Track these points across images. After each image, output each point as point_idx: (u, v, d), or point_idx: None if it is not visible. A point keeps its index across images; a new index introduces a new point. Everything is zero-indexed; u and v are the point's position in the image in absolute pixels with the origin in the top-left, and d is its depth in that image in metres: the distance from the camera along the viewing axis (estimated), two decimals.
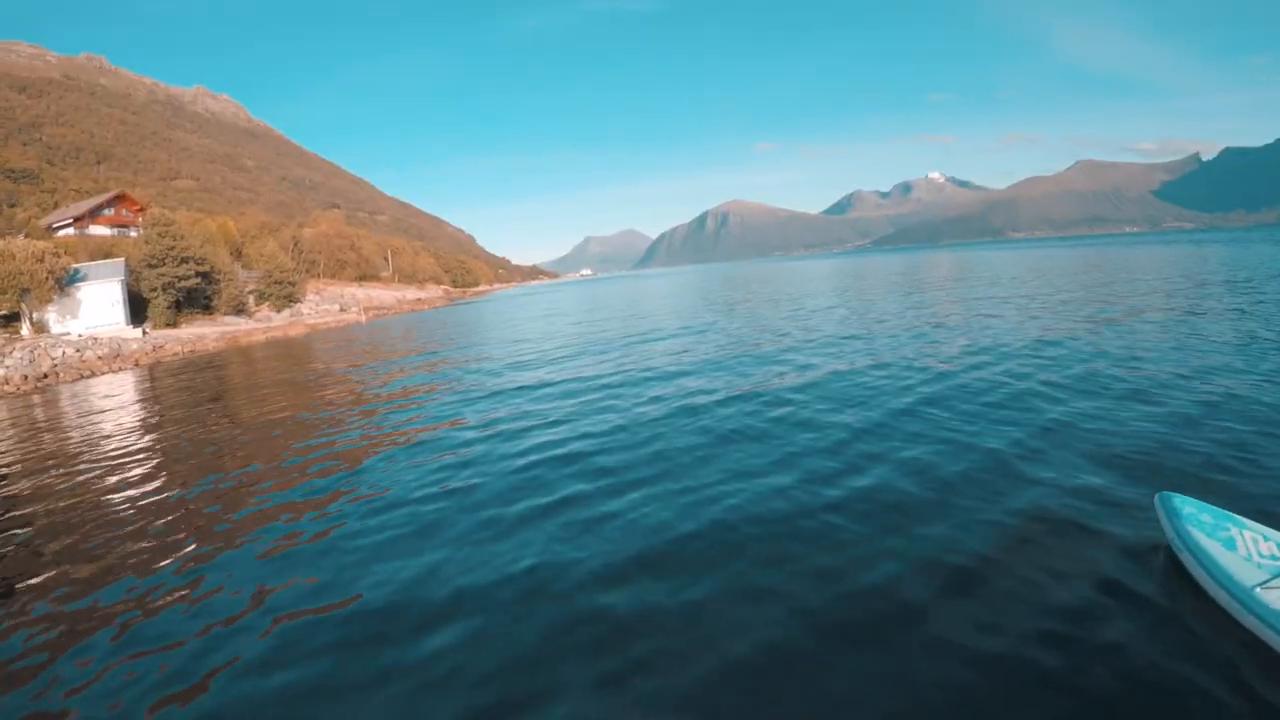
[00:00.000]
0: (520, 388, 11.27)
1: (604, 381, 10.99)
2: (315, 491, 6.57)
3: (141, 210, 51.61)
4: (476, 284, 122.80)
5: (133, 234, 47.90)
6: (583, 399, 9.74)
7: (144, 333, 34.02)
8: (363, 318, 47.43)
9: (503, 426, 8.42)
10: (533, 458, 6.93)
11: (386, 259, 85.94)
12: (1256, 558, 3.16)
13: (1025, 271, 32.79)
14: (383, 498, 6.14)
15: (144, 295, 38.11)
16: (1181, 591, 3.35)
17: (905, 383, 8.89)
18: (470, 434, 8.22)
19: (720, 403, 8.55)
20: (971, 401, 7.62)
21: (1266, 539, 3.28)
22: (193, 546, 5.44)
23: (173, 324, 38.25)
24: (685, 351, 13.79)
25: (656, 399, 9.24)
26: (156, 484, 7.45)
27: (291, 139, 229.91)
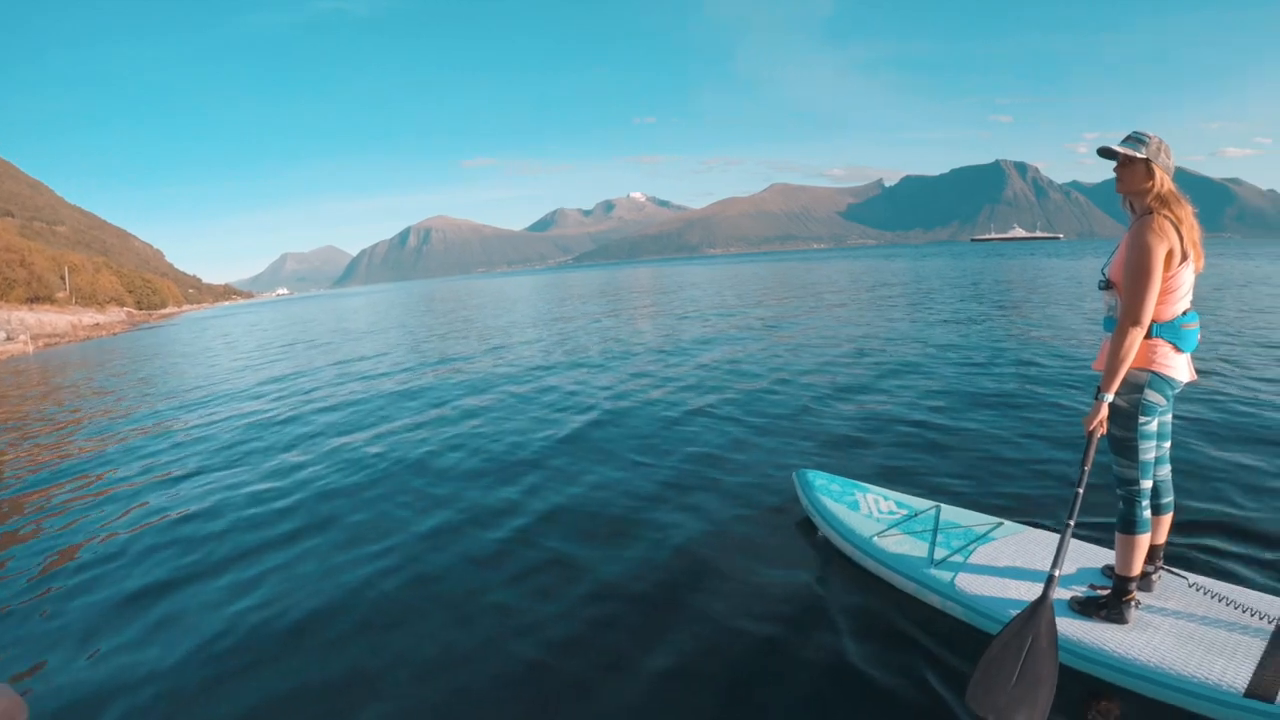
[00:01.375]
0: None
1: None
2: None
3: None
4: (164, 305, 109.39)
5: None
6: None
7: None
8: (30, 348, 38.42)
9: None
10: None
11: (64, 277, 72.82)
12: (876, 514, 3.74)
13: (706, 281, 36.42)
14: None
15: None
16: (817, 548, 3.84)
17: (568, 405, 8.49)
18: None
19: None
20: (621, 424, 7.27)
21: (886, 499, 3.90)
22: None
23: None
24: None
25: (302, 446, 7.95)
26: None
27: None
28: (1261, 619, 2.59)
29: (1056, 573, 2.55)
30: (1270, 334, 9.67)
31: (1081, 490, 2.59)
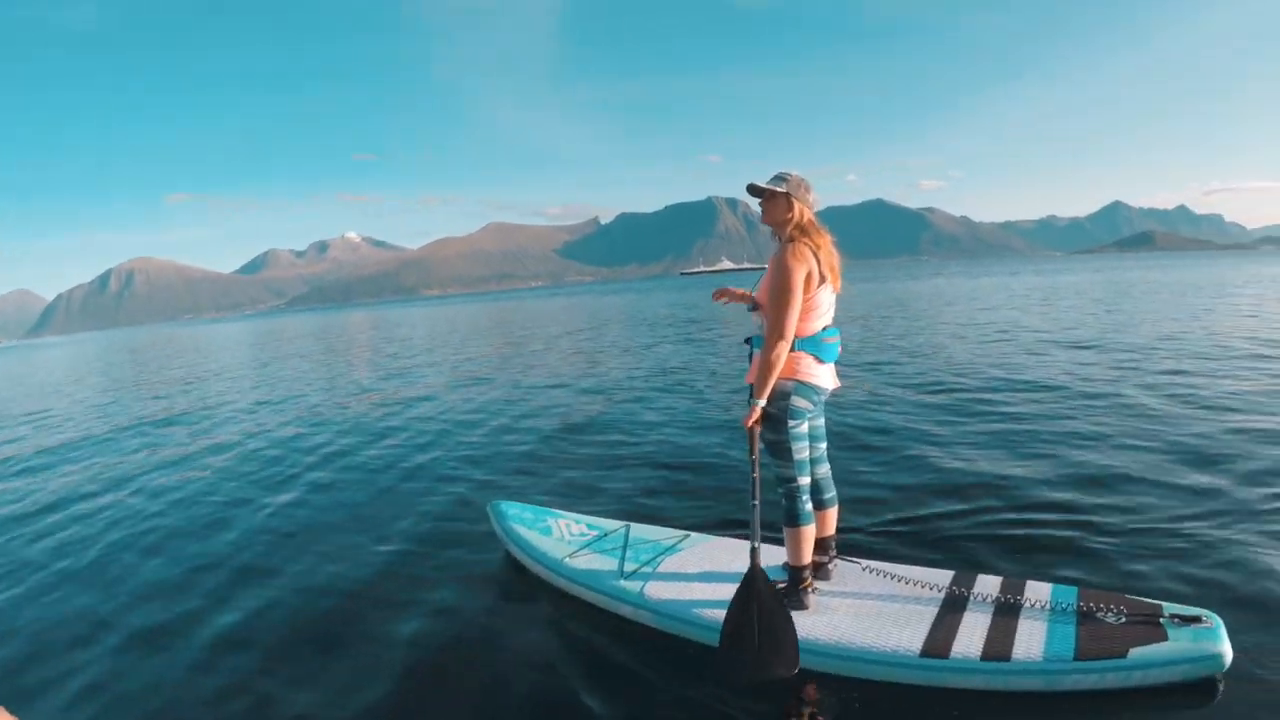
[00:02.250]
0: None
1: None
2: None
3: None
4: None
5: None
6: None
7: None
8: None
9: None
10: None
11: None
12: (568, 537, 3.85)
13: (422, 324, 35.33)
14: None
15: None
16: (515, 576, 3.84)
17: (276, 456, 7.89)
18: None
19: None
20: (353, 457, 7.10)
21: (578, 523, 4.05)
22: None
23: None
24: None
25: None
26: None
27: None
28: (931, 589, 2.89)
29: (758, 545, 2.70)
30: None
31: (756, 475, 2.73)
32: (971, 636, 2.57)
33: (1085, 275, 42.05)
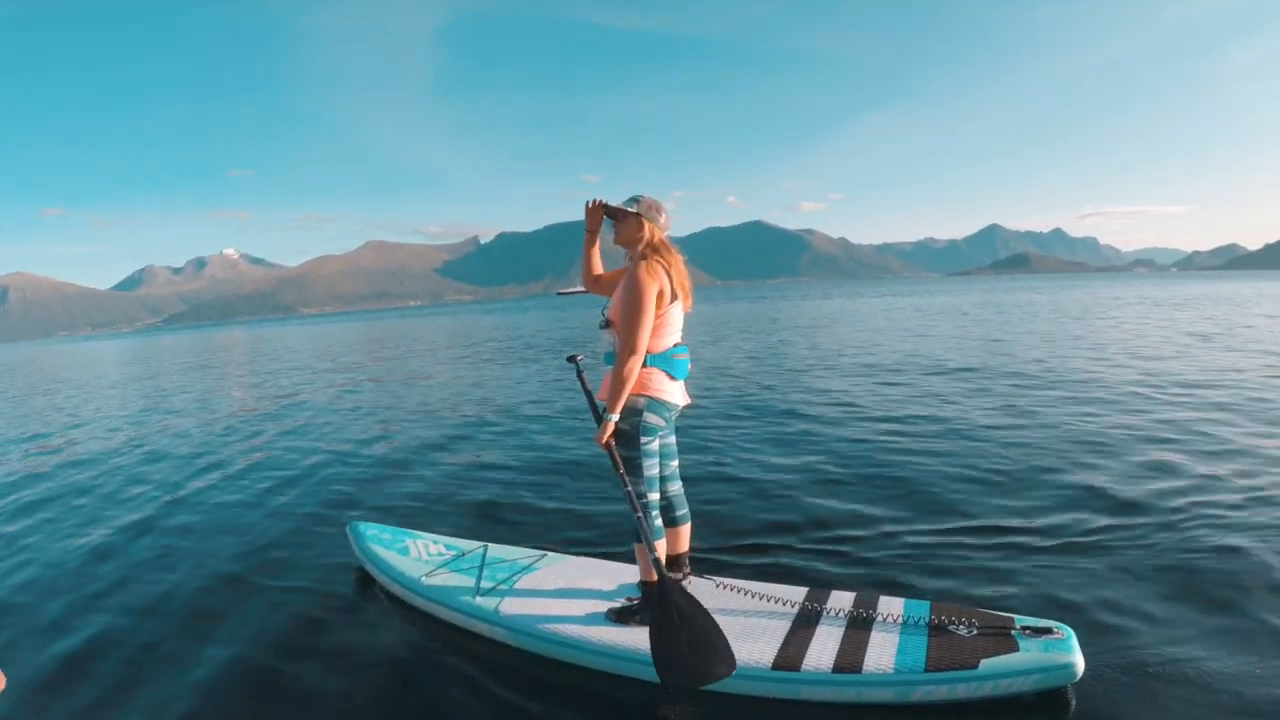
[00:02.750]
0: None
1: None
2: None
3: None
4: None
5: None
6: None
7: None
8: None
9: None
10: None
11: None
12: (425, 557, 3.77)
13: (299, 345, 33.80)
14: None
15: None
16: (372, 596, 3.72)
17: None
18: None
19: None
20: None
21: (436, 543, 3.97)
22: None
23: None
24: None
25: None
26: None
27: None
28: (784, 604, 2.90)
29: (660, 555, 2.75)
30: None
31: (629, 488, 2.72)
32: (824, 649, 2.57)
33: (955, 297, 44.43)
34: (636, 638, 2.74)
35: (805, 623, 2.77)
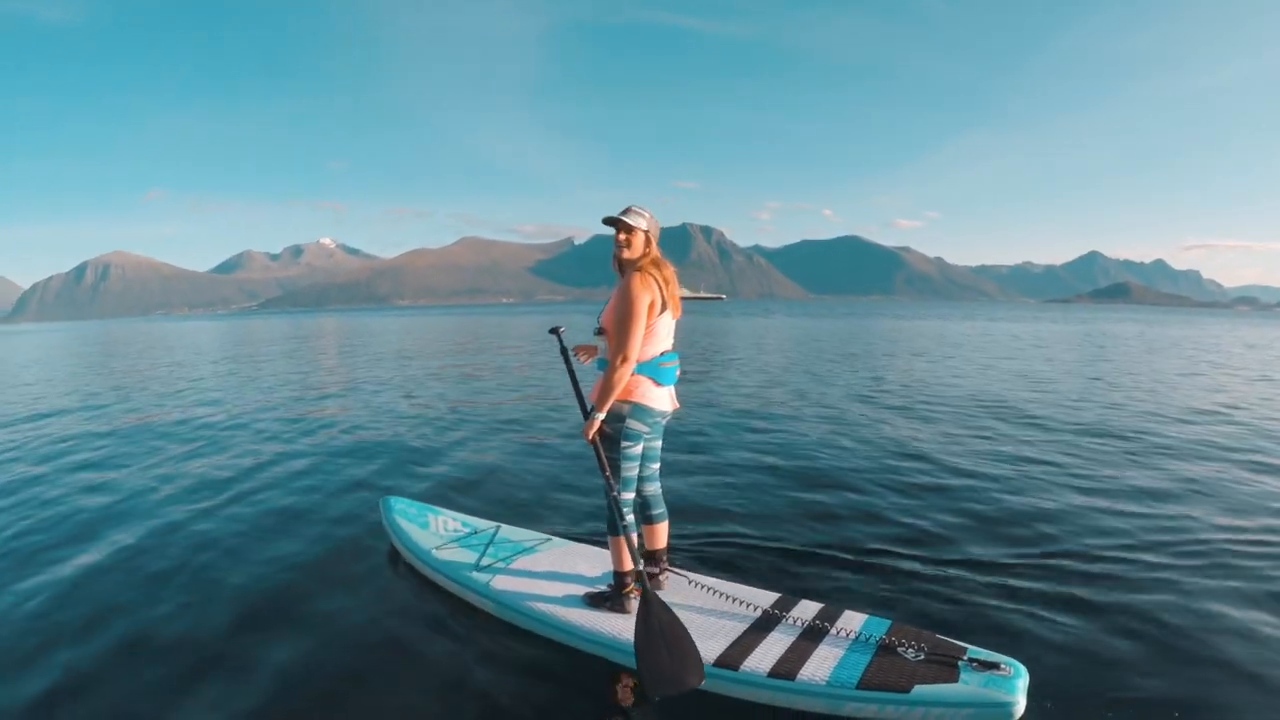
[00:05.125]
0: None
1: None
2: None
3: None
4: None
5: None
6: None
7: None
8: None
9: None
10: None
11: None
12: (442, 532, 4.12)
13: (398, 333, 35.44)
14: None
15: None
16: (395, 564, 4.09)
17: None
18: None
19: None
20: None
21: (455, 520, 4.32)
22: None
23: None
24: None
25: None
26: None
27: None
28: (749, 607, 3.03)
29: (641, 567, 2.94)
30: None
31: (611, 477, 2.97)
32: (766, 653, 2.71)
33: (1064, 325, 42.06)
34: (601, 621, 3.01)
35: (762, 627, 2.91)
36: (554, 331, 3.34)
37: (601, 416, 2.91)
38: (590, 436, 2.93)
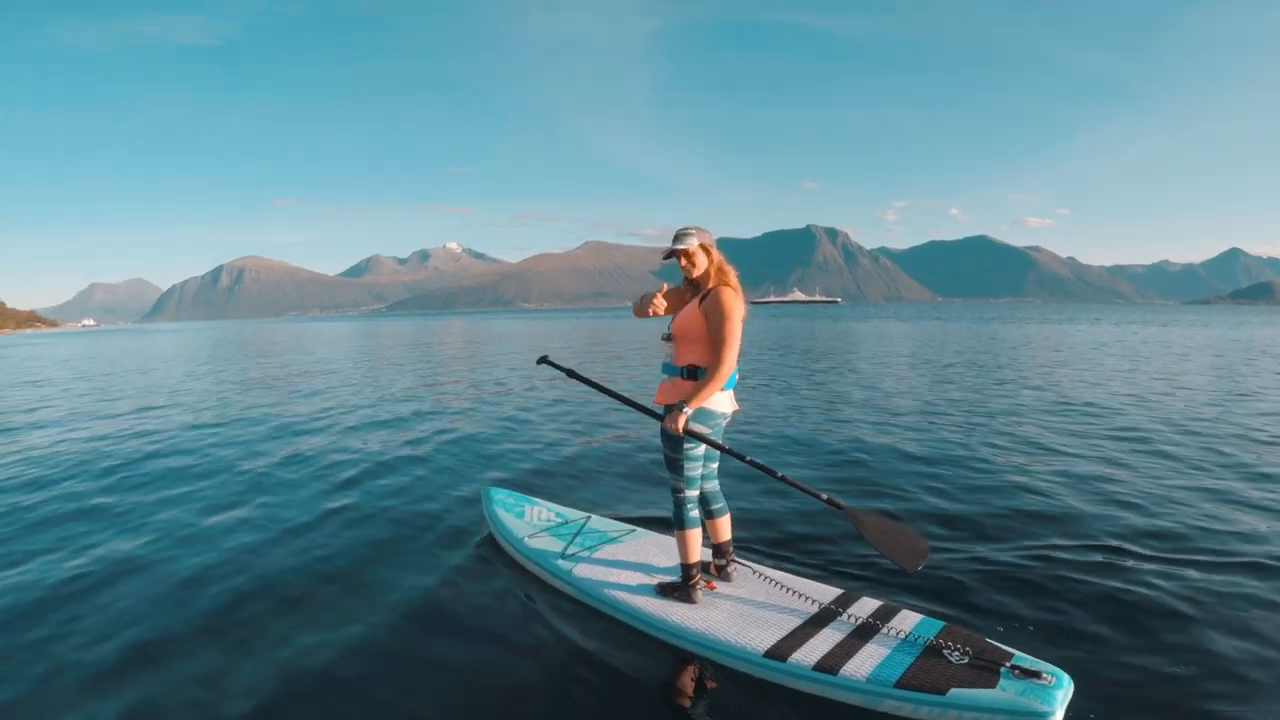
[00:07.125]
0: None
1: None
2: None
3: None
4: None
5: None
6: None
7: None
8: None
9: None
10: None
11: None
12: (535, 521, 4.42)
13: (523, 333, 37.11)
14: None
15: None
16: (494, 549, 4.45)
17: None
18: None
19: None
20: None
21: (549, 510, 4.62)
22: None
23: None
24: None
25: None
26: None
27: None
28: (809, 602, 3.20)
29: (826, 497, 3.11)
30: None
31: (750, 459, 3.13)
32: (816, 647, 2.86)
33: (1211, 330, 37.23)
34: (669, 609, 3.25)
35: (817, 621, 3.07)
36: (543, 361, 3.74)
37: (690, 411, 3.02)
38: (680, 427, 3.02)
